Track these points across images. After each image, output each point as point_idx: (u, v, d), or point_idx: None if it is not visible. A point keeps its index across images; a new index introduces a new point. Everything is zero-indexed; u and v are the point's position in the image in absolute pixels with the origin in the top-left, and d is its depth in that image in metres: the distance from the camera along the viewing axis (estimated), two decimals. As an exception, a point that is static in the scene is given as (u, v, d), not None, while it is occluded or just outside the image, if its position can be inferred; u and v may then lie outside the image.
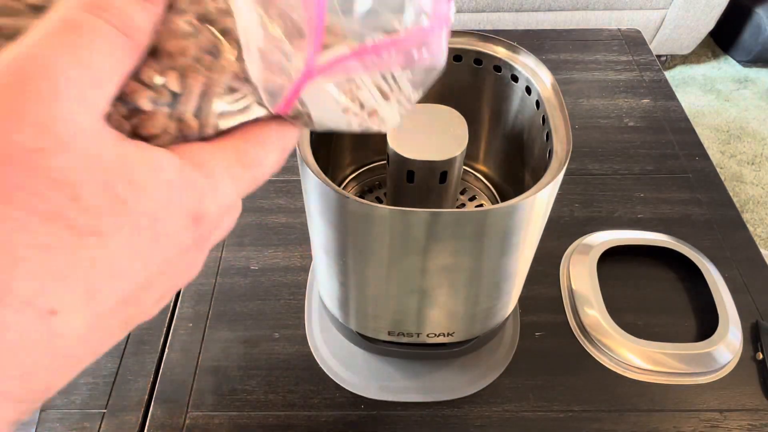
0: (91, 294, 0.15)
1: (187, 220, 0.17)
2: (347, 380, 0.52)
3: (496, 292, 0.43)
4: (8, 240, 0.13)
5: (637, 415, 0.50)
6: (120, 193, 0.15)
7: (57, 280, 0.14)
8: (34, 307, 0.14)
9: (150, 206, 0.16)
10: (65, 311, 0.14)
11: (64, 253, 0.14)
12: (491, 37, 0.43)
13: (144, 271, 0.17)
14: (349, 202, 0.32)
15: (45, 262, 0.14)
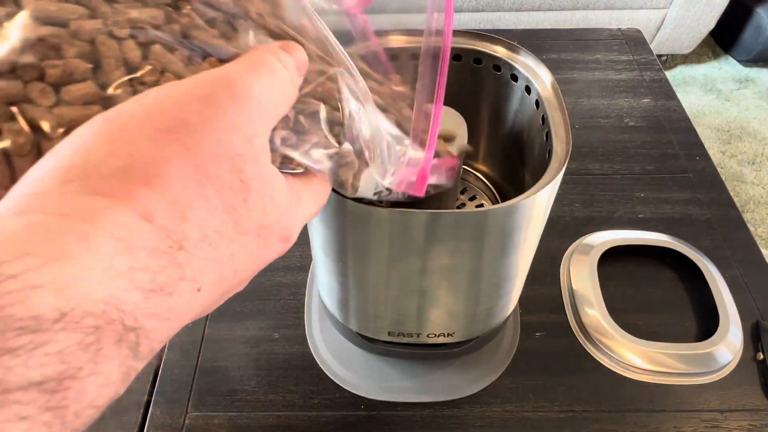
0: (220, 281, 0.18)
1: (283, 235, 0.21)
2: (347, 380, 0.52)
3: (497, 293, 0.43)
4: (199, 217, 0.17)
5: (638, 415, 0.50)
6: (266, 205, 0.19)
7: (211, 263, 0.17)
8: (194, 283, 0.17)
9: (274, 220, 0.20)
10: (204, 291, 0.17)
11: (223, 242, 0.18)
12: (491, 37, 0.43)
13: (249, 272, 0.20)
14: (348, 203, 0.32)
15: (209, 248, 0.17)
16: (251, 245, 0.19)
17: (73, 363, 0.13)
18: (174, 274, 0.16)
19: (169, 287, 0.16)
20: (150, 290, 0.15)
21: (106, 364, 0.14)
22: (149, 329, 0.15)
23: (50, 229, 0.14)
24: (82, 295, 0.14)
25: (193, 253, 0.17)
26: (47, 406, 0.13)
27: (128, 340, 0.15)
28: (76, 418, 0.14)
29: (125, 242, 0.15)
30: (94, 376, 0.14)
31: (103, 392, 0.14)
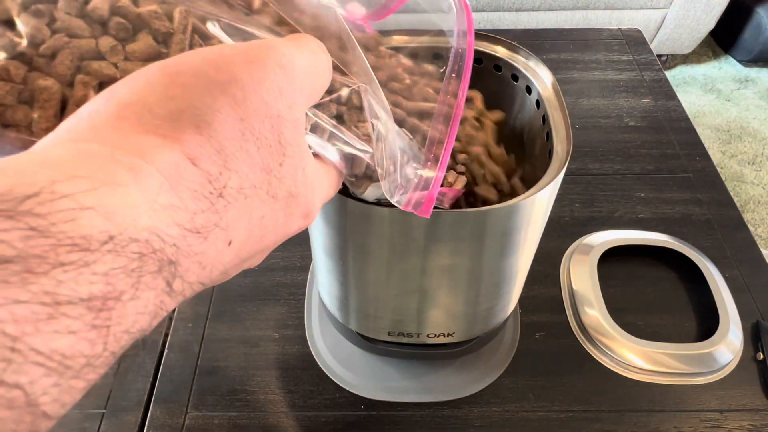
0: (247, 241, 0.19)
1: (305, 211, 0.22)
2: (347, 380, 0.52)
3: (497, 293, 0.43)
4: (240, 169, 0.18)
5: (638, 415, 0.50)
6: (297, 175, 0.20)
7: (244, 218, 0.18)
8: (227, 234, 0.18)
9: (301, 192, 0.21)
10: (233, 246, 0.18)
11: (257, 201, 0.19)
12: (491, 37, 0.43)
13: (270, 241, 0.21)
14: (348, 202, 0.32)
15: (245, 202, 0.18)
16: (278, 212, 0.20)
17: (117, 286, 0.14)
18: (211, 219, 0.17)
19: (205, 231, 0.17)
20: (188, 230, 0.16)
21: (145, 292, 0.15)
22: (184, 267, 0.16)
23: (102, 157, 0.15)
24: (129, 222, 0.14)
25: (230, 202, 0.17)
26: (93, 323, 0.13)
27: (166, 273, 0.15)
28: (115, 341, 0.14)
29: (171, 180, 0.16)
30: (134, 302, 0.14)
31: (139, 320, 0.15)
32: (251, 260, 0.21)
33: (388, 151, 0.26)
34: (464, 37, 0.30)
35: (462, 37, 0.30)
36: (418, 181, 0.28)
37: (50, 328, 0.12)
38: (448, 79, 0.30)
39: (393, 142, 0.27)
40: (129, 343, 0.15)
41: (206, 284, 0.18)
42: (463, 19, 0.30)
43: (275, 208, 0.20)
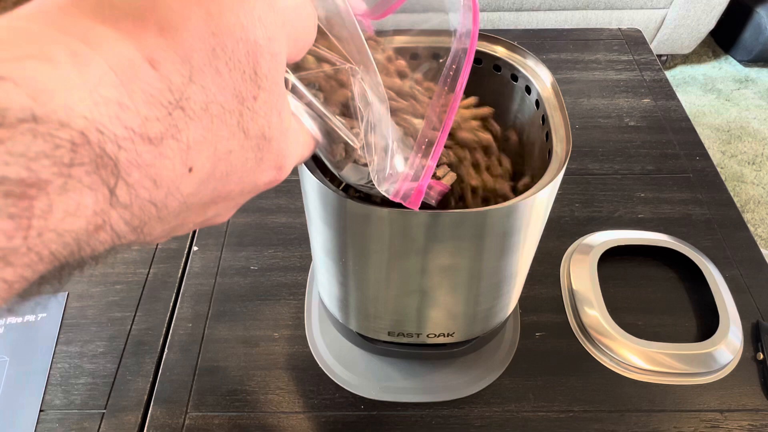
0: (210, 177, 0.17)
1: (278, 162, 0.21)
2: (347, 380, 0.52)
3: (497, 293, 0.43)
4: (207, 86, 0.16)
5: (638, 415, 0.50)
6: (272, 118, 0.19)
7: (207, 144, 0.17)
8: (186, 154, 0.16)
9: (275, 138, 0.19)
10: (194, 176, 0.17)
11: (225, 127, 0.17)
12: (491, 37, 0.43)
13: (237, 186, 0.19)
14: (348, 202, 0.32)
15: (211, 125, 0.17)
16: (248, 152, 0.19)
17: (40, 173, 0.12)
18: (167, 129, 0.15)
19: (158, 141, 0.15)
20: (138, 134, 0.14)
21: (78, 191, 0.13)
22: (132, 177, 0.15)
23: (40, 35, 0.13)
24: (59, 105, 0.13)
25: (191, 118, 0.16)
26: (9, 211, 0.12)
27: (106, 174, 0.14)
28: (38, 237, 0.13)
29: (121, 75, 0.14)
30: (63, 198, 0.13)
31: (71, 222, 0.13)
32: (215, 209, 0.20)
33: (379, 140, 0.26)
34: (467, 35, 0.30)
35: (465, 36, 0.30)
36: (408, 172, 0.28)
37: None
38: (446, 72, 0.30)
39: (386, 132, 0.27)
40: (62, 250, 0.14)
41: (163, 215, 0.17)
42: (469, 18, 0.30)
43: (245, 146, 0.18)
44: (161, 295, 0.59)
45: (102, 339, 0.55)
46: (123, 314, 0.57)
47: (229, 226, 0.66)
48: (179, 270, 0.61)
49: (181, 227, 0.19)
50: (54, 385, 0.52)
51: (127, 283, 0.60)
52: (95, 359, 0.54)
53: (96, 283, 0.60)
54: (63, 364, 0.53)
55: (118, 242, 0.16)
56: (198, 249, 0.63)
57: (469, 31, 0.30)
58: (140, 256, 0.62)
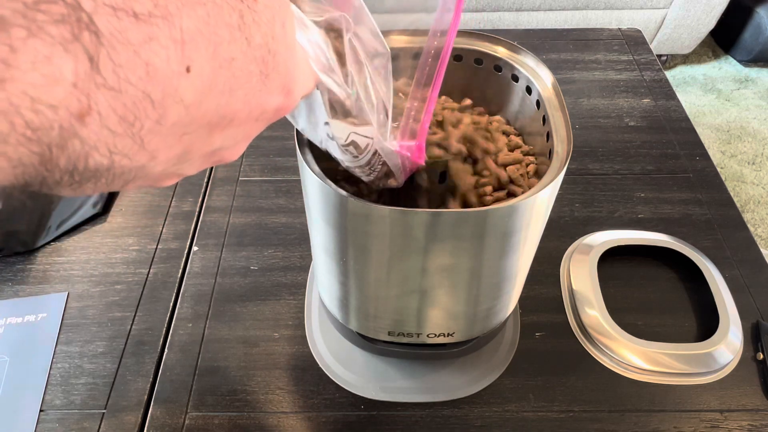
0: (212, 81, 0.16)
1: (285, 83, 0.19)
2: (347, 380, 0.52)
3: (497, 293, 0.43)
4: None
5: (638, 415, 0.50)
6: (276, 27, 0.18)
7: (206, 40, 0.15)
8: (180, 50, 0.15)
9: (280, 51, 0.18)
10: (192, 77, 0.15)
11: (221, 25, 0.16)
12: (491, 37, 0.43)
13: (242, 104, 0.18)
14: (349, 202, 0.32)
15: (206, 16, 0.15)
16: (252, 65, 0.17)
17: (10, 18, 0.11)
18: (155, 8, 0.14)
19: (146, 18, 0.13)
20: (119, 6, 0.13)
21: (46, 43, 0.12)
22: (119, 56, 0.13)
23: None
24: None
25: (183, 2, 0.14)
26: None
27: (82, 34, 0.12)
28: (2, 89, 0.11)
29: None
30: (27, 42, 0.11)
31: (41, 80, 0.12)
32: (221, 136, 0.18)
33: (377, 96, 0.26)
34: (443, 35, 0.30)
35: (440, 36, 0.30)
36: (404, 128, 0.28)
37: None
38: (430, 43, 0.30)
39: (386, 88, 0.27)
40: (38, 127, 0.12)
41: (163, 123, 0.15)
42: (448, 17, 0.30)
43: (248, 56, 0.17)
44: (161, 295, 0.59)
45: (102, 339, 0.55)
46: (123, 314, 0.57)
47: (229, 226, 0.66)
48: (179, 270, 0.61)
49: (187, 156, 0.17)
50: (54, 385, 0.52)
51: (127, 283, 0.60)
52: (95, 359, 0.54)
53: (96, 283, 0.60)
54: (63, 364, 0.53)
55: (114, 150, 0.14)
56: (198, 249, 0.63)
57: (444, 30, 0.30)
58: (140, 256, 0.62)
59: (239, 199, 0.69)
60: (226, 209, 0.67)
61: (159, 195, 0.69)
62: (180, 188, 0.70)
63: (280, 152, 0.75)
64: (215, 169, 0.73)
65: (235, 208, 0.68)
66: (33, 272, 0.61)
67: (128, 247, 0.63)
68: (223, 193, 0.69)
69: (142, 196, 0.69)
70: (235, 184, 0.71)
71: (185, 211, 0.67)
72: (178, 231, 0.65)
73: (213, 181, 0.71)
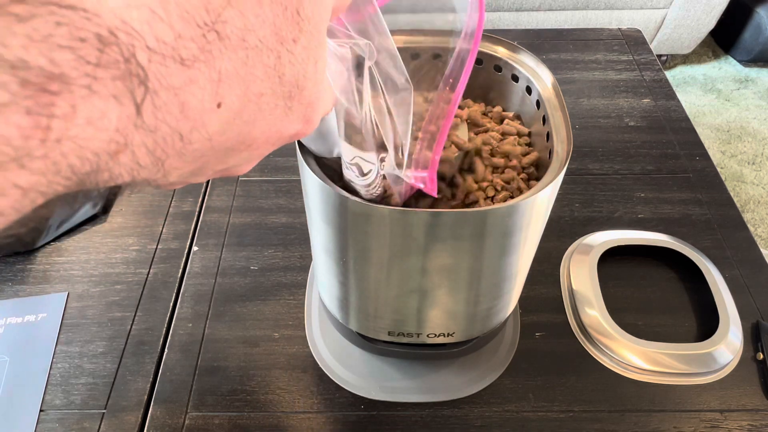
0: (238, 114, 0.17)
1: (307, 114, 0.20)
2: (347, 380, 0.52)
3: (497, 292, 0.43)
4: (246, 13, 0.15)
5: (638, 415, 0.50)
6: (308, 66, 0.18)
7: (239, 79, 0.16)
8: (215, 88, 0.15)
9: (308, 87, 0.19)
10: (222, 112, 0.16)
11: (258, 65, 0.16)
12: (491, 37, 0.43)
13: (261, 133, 0.18)
14: (349, 202, 0.32)
15: (246, 58, 0.16)
16: (279, 99, 0.18)
17: (63, 67, 0.11)
18: (200, 54, 0.14)
19: (190, 64, 0.14)
20: (170, 49, 0.13)
21: (103, 98, 0.12)
22: (159, 96, 0.14)
23: None
24: (107, 6, 0.12)
25: (226, 46, 0.15)
26: (26, 104, 0.11)
27: (133, 84, 0.13)
28: (57, 143, 0.12)
29: None
30: (87, 101, 0.12)
31: (92, 134, 0.12)
32: (237, 157, 0.19)
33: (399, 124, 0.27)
34: (471, 36, 0.30)
35: (469, 37, 0.30)
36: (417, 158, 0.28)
37: None
38: (449, 72, 0.31)
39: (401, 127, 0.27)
40: (80, 166, 0.13)
41: (186, 151, 0.16)
42: (474, 18, 0.30)
43: (277, 92, 0.17)
44: (161, 295, 0.59)
45: (102, 339, 0.55)
46: (123, 314, 0.57)
47: (229, 226, 0.66)
48: (179, 270, 0.61)
49: (200, 172, 0.18)
50: (54, 385, 0.52)
51: (127, 283, 0.60)
52: (95, 359, 0.54)
53: (96, 283, 0.60)
54: (63, 364, 0.53)
55: (136, 175, 0.15)
56: (198, 249, 0.63)
57: (473, 31, 0.30)
58: (140, 256, 0.62)
59: (239, 199, 0.69)
60: (226, 209, 0.67)
61: (159, 195, 0.69)
62: (180, 188, 0.70)
63: (280, 152, 0.75)
64: (215, 169, 0.73)
65: (235, 208, 0.68)
66: (33, 272, 0.61)
67: (128, 247, 0.63)
68: (223, 193, 0.69)
69: (143, 197, 0.69)
70: (235, 184, 0.71)
71: (185, 211, 0.67)
72: (178, 231, 0.65)
73: (213, 181, 0.71)
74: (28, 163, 0.12)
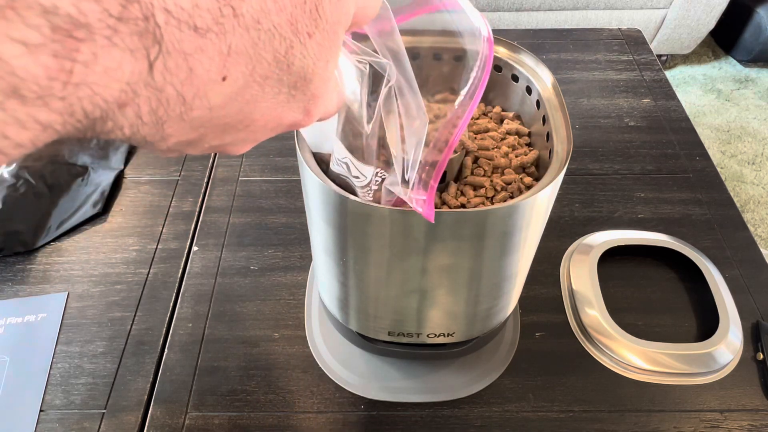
0: (241, 92, 0.17)
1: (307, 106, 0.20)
2: (347, 380, 0.52)
3: (497, 293, 0.43)
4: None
5: (638, 415, 0.50)
6: (318, 62, 0.19)
7: (247, 57, 0.16)
8: (223, 63, 0.16)
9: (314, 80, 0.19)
10: (226, 85, 0.16)
11: (268, 51, 0.17)
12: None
13: (260, 116, 0.19)
14: (349, 202, 0.32)
15: (257, 41, 0.16)
16: (283, 87, 0.18)
17: (89, 16, 0.12)
18: (213, 26, 0.15)
19: (203, 33, 0.15)
20: (186, 15, 0.14)
21: (121, 50, 0.13)
22: (171, 61, 0.15)
23: None
24: None
25: (239, 24, 0.15)
26: (54, 48, 0.12)
27: (149, 42, 0.14)
28: (76, 87, 0.13)
29: None
30: (107, 51, 0.13)
31: (107, 83, 0.14)
32: (233, 136, 0.20)
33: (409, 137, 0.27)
34: (483, 67, 0.31)
35: (481, 68, 0.31)
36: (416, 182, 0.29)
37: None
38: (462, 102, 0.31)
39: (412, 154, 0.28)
40: (92, 111, 0.14)
41: (185, 118, 0.17)
42: (486, 49, 0.31)
43: (283, 80, 0.18)
44: (161, 295, 0.59)
45: (102, 339, 0.55)
46: (123, 314, 0.57)
47: (229, 226, 0.66)
48: (179, 270, 0.61)
49: (196, 143, 0.19)
50: (54, 385, 0.52)
51: (127, 283, 0.60)
52: (95, 359, 0.54)
53: (96, 283, 0.60)
54: (63, 364, 0.53)
55: (136, 131, 0.15)
56: (198, 249, 0.63)
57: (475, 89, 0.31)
58: (140, 256, 0.62)
59: (239, 199, 0.69)
60: (226, 209, 0.67)
61: (159, 195, 0.69)
62: (180, 188, 0.70)
63: (280, 152, 0.75)
64: (215, 169, 0.73)
65: (235, 208, 0.68)
66: (33, 272, 0.61)
67: (128, 247, 0.63)
68: (223, 193, 0.69)
69: (143, 196, 0.69)
70: (235, 184, 0.71)
71: (185, 211, 0.67)
72: (178, 231, 0.65)
73: (213, 181, 0.71)
74: (50, 102, 0.13)
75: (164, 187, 0.70)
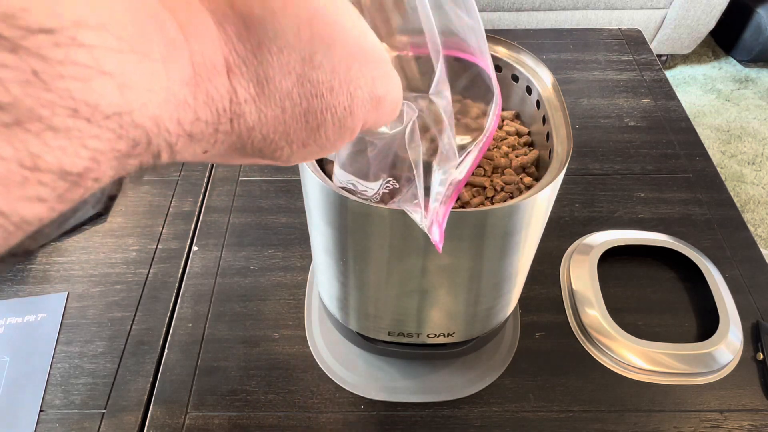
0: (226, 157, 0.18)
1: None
2: (347, 380, 0.52)
3: (497, 293, 0.43)
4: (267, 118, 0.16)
5: (638, 415, 0.50)
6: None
7: (229, 149, 0.17)
8: (204, 149, 0.16)
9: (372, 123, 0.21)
10: (207, 155, 0.17)
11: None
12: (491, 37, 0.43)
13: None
14: (349, 202, 0.32)
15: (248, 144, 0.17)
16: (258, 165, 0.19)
17: (102, 167, 0.12)
18: (209, 135, 0.15)
19: (197, 140, 0.15)
20: (185, 130, 0.14)
21: (119, 173, 0.14)
22: (160, 160, 0.15)
23: (145, 11, 0.13)
24: (140, 104, 0.12)
25: (233, 130, 0.16)
26: (62, 195, 0.12)
27: (145, 160, 0.14)
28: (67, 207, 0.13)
29: (198, 75, 0.14)
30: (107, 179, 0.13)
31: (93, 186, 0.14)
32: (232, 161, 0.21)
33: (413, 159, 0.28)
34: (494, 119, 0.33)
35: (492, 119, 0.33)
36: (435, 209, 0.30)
37: (21, 194, 0.11)
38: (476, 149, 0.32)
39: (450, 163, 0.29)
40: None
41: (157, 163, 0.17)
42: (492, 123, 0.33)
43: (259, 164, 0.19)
44: (161, 295, 0.59)
45: (102, 339, 0.55)
46: (123, 314, 0.57)
47: (229, 226, 0.66)
48: (179, 270, 0.61)
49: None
50: (54, 385, 0.52)
51: (127, 283, 0.60)
52: (95, 359, 0.54)
53: (96, 283, 0.60)
54: (63, 364, 0.53)
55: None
56: (198, 249, 0.63)
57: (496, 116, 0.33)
58: (140, 256, 0.62)
59: (239, 199, 0.69)
60: (226, 209, 0.67)
61: (159, 195, 0.69)
62: (180, 188, 0.70)
63: (280, 152, 0.75)
64: (215, 169, 0.73)
65: (235, 208, 0.68)
66: (33, 272, 0.61)
67: (128, 247, 0.63)
68: (223, 193, 0.69)
69: (142, 196, 0.69)
70: (235, 184, 0.71)
71: (185, 211, 0.67)
72: (178, 231, 0.65)
73: (213, 181, 0.71)
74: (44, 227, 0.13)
75: (164, 187, 0.70)
